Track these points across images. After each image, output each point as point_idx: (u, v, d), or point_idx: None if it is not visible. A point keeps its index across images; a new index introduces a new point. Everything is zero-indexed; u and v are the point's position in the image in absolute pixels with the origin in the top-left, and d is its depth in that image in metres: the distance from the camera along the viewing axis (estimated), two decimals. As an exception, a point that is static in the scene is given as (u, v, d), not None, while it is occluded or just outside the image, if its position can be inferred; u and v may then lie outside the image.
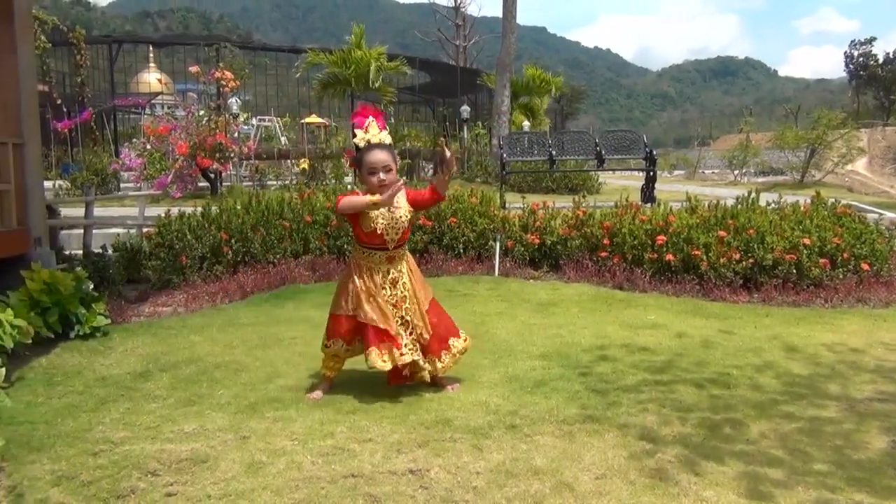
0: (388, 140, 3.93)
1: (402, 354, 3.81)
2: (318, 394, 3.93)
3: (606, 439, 3.31)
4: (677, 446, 3.23)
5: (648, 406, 3.76)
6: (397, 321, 3.89)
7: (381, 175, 3.82)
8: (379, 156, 3.83)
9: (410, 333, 3.92)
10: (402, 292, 3.93)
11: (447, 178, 3.89)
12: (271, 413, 3.66)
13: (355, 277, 3.92)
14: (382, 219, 3.85)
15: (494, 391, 4.00)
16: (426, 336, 3.94)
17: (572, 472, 2.95)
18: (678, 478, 2.91)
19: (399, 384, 4.01)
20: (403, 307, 3.92)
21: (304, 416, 3.59)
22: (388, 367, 3.80)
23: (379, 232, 3.84)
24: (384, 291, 3.89)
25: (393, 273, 3.93)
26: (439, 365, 3.98)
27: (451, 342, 4.04)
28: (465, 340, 4.12)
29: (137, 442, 3.27)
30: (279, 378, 4.26)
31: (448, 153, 3.81)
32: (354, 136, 3.91)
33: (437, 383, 4.07)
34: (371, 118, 3.91)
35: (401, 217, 3.89)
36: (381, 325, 3.81)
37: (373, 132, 3.88)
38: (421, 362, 3.93)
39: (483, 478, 2.91)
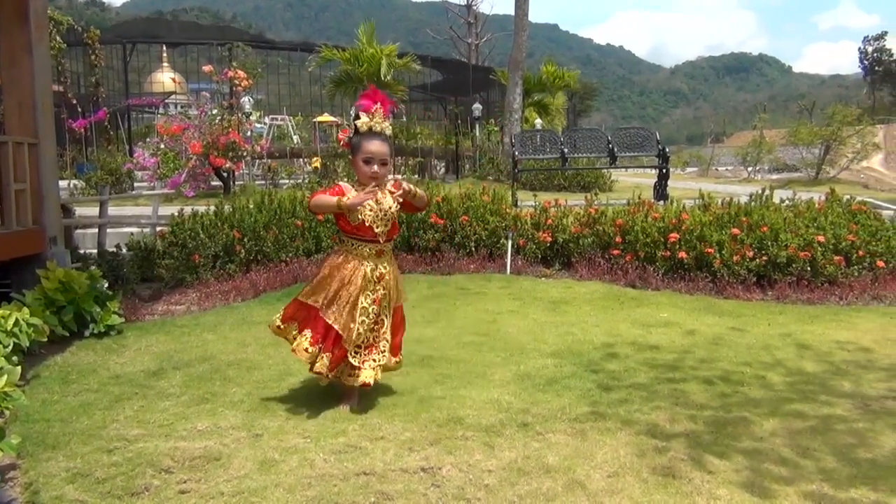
0: (388, 131, 3.78)
1: (321, 363, 3.61)
2: (354, 400, 3.76)
3: (618, 437, 3.31)
4: (690, 445, 3.23)
5: (660, 404, 3.76)
6: (373, 317, 3.70)
7: (376, 167, 3.66)
8: (378, 147, 3.67)
9: (385, 332, 3.74)
10: (383, 290, 3.73)
11: (409, 196, 3.76)
12: (284, 411, 3.68)
13: (334, 268, 3.71)
14: (370, 210, 3.65)
15: (506, 389, 4.00)
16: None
17: (584, 470, 2.95)
18: (690, 476, 2.91)
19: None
20: (382, 304, 3.74)
21: (316, 414, 3.61)
22: (306, 358, 3.64)
23: (367, 224, 3.65)
24: (368, 285, 3.67)
25: (380, 268, 3.72)
26: (367, 372, 3.71)
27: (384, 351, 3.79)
28: (396, 361, 3.92)
29: (151, 439, 3.30)
30: (291, 376, 4.27)
31: (399, 190, 3.71)
32: (357, 116, 3.75)
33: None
34: (379, 104, 3.74)
35: (389, 208, 3.70)
36: (341, 332, 3.62)
37: (377, 119, 3.71)
38: (354, 363, 3.68)
39: (495, 476, 2.91)
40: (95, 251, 7.65)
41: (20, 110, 5.81)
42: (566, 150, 12.72)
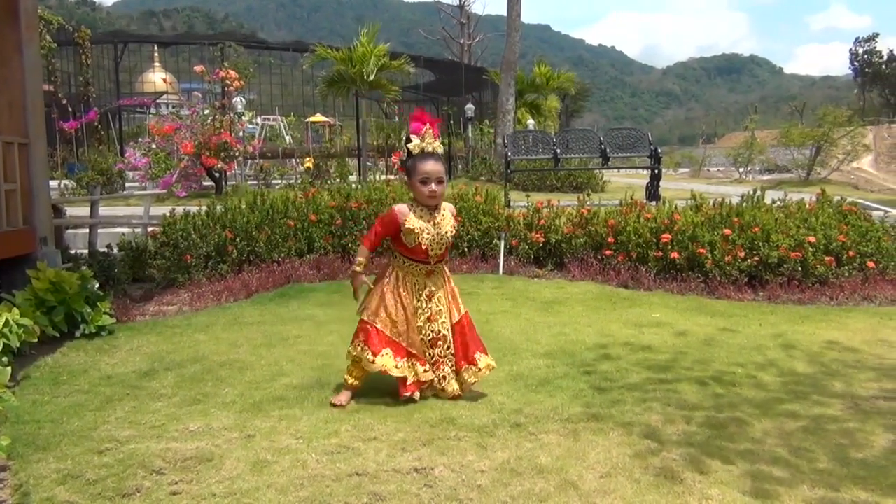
0: (440, 150, 3.89)
1: (425, 371, 3.78)
2: (342, 398, 3.78)
3: (611, 438, 3.31)
4: (681, 445, 3.23)
5: (652, 404, 3.76)
6: (430, 335, 3.83)
7: (434, 186, 3.76)
8: (434, 166, 3.77)
9: (448, 347, 3.85)
10: (437, 306, 3.84)
11: None
12: (276, 412, 3.67)
13: (390, 286, 3.83)
14: (427, 234, 3.76)
15: (499, 389, 4.00)
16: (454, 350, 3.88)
17: (577, 471, 2.95)
18: (683, 476, 2.91)
19: (409, 394, 3.81)
20: (439, 321, 3.84)
21: (308, 415, 3.60)
22: (399, 374, 3.74)
23: (424, 247, 3.76)
24: (419, 304, 3.82)
25: (430, 287, 3.85)
26: (462, 379, 3.88)
27: (476, 356, 3.92)
28: (491, 360, 3.96)
29: (143, 441, 3.28)
30: (284, 377, 4.26)
31: None
32: (409, 140, 3.85)
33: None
34: (428, 126, 3.84)
35: (447, 233, 3.83)
36: (403, 344, 3.78)
37: (428, 140, 3.81)
38: (436, 381, 3.85)
39: (487, 476, 2.91)
40: (86, 251, 7.61)
41: (11, 110, 5.78)
42: (558, 151, 12.75)
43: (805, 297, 6.53)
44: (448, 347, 3.86)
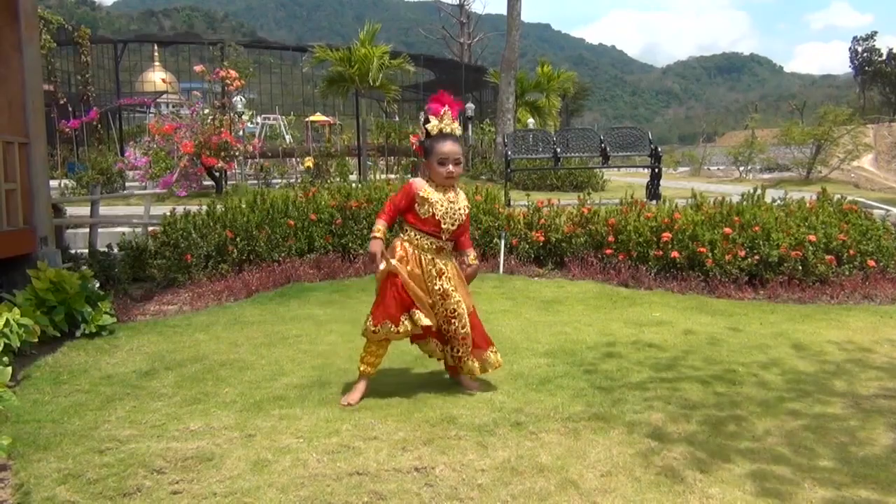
0: (459, 131, 3.85)
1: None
2: (354, 396, 3.77)
3: (612, 437, 3.31)
4: (683, 444, 3.23)
5: (654, 403, 3.76)
6: (444, 311, 3.82)
7: (451, 167, 3.75)
8: (451, 147, 3.75)
9: (464, 326, 3.84)
10: (447, 284, 3.82)
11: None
12: (276, 411, 3.67)
13: (398, 259, 3.77)
14: (441, 205, 3.76)
15: (499, 388, 4.00)
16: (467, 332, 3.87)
17: (577, 470, 2.95)
18: (684, 475, 2.91)
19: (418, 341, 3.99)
20: (453, 298, 3.81)
21: (309, 414, 3.60)
22: (429, 322, 3.76)
23: (437, 218, 3.76)
24: (429, 280, 3.80)
25: (439, 264, 3.82)
26: (470, 364, 3.91)
27: (488, 350, 3.97)
28: (497, 355, 4.01)
29: (143, 440, 3.28)
30: (284, 376, 4.26)
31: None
32: (427, 120, 3.81)
33: (458, 380, 4.02)
34: (447, 107, 3.80)
35: (460, 209, 3.83)
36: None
37: (447, 121, 3.78)
38: (451, 359, 3.91)
39: (488, 475, 2.91)
40: (87, 251, 7.61)
41: (10, 109, 5.78)
42: (559, 150, 12.75)
43: (805, 296, 6.52)
44: (464, 326, 3.84)
